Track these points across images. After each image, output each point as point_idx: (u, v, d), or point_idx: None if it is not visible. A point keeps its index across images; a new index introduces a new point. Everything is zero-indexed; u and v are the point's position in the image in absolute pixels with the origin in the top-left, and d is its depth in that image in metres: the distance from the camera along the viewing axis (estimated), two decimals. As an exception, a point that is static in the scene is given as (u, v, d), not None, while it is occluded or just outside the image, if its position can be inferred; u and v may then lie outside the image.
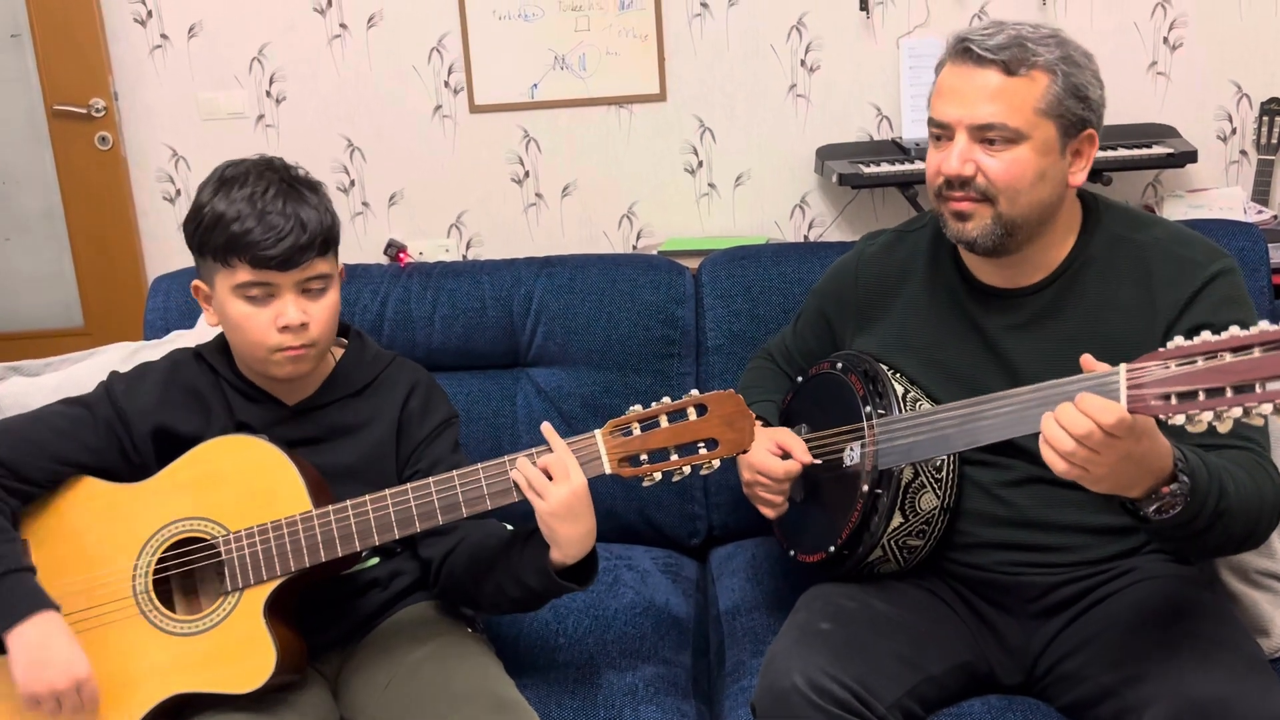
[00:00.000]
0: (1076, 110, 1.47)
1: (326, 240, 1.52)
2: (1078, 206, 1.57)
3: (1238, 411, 1.14)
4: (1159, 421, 1.21)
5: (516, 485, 1.44)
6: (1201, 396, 1.16)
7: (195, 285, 1.57)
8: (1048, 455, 1.25)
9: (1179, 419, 1.17)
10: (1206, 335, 1.18)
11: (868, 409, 1.57)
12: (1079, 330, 1.52)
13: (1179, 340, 1.19)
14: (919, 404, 1.58)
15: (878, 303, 1.70)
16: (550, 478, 1.42)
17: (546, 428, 1.46)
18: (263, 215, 1.46)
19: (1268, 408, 1.13)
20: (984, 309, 1.59)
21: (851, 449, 1.59)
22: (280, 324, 1.49)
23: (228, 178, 1.51)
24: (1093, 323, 1.52)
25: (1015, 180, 1.46)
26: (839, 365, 1.66)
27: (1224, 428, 1.16)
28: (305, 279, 1.50)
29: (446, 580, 1.59)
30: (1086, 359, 1.27)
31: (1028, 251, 1.53)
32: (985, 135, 1.46)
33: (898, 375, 1.62)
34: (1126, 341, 1.47)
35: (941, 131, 1.51)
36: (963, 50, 1.48)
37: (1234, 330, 1.16)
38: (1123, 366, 1.23)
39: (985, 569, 1.57)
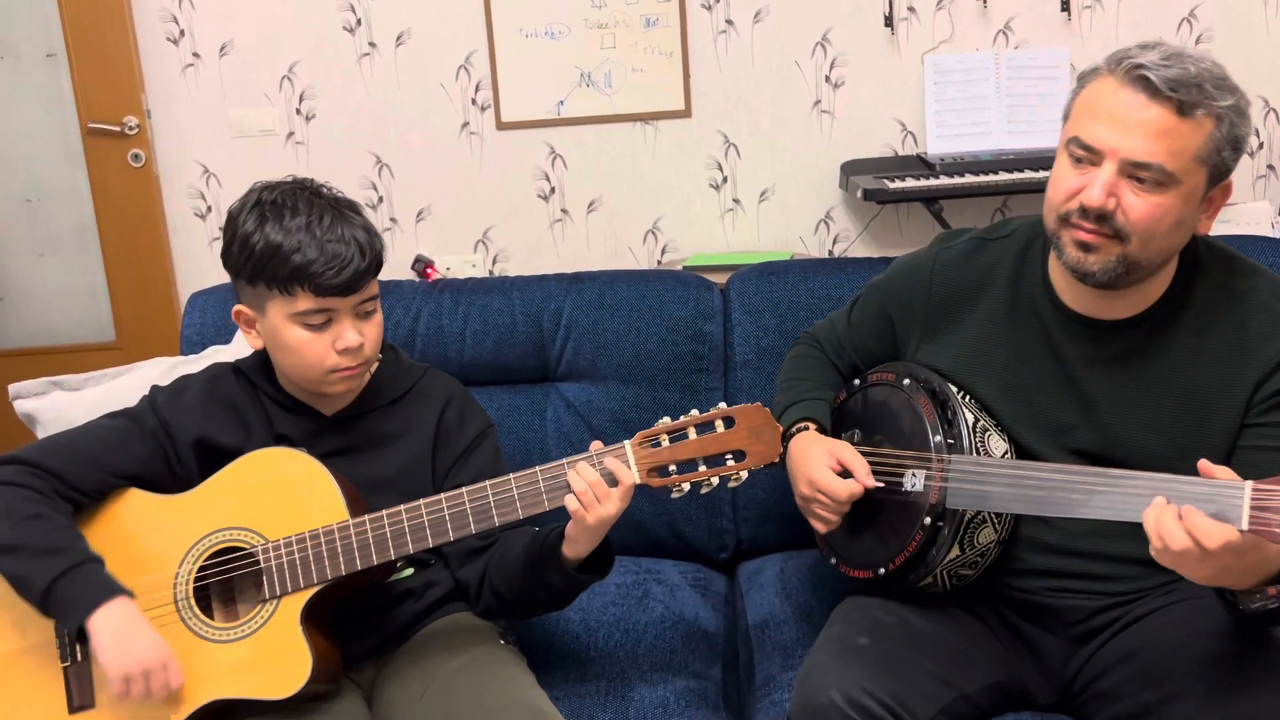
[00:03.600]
0: (1229, 161, 1.39)
1: (380, 260, 1.55)
2: None
3: None
4: None
5: (570, 487, 1.44)
6: None
7: (238, 310, 1.58)
8: (1151, 547, 1.23)
9: None
10: None
11: (937, 438, 1.52)
12: (1165, 375, 1.46)
13: None
14: (988, 435, 1.53)
15: (951, 313, 1.61)
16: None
17: (598, 446, 1.47)
18: (324, 244, 1.48)
19: None
20: (1069, 337, 1.51)
21: (914, 475, 1.53)
22: (339, 347, 1.52)
23: (273, 204, 1.51)
24: (1180, 369, 1.46)
25: (1155, 225, 1.38)
26: (905, 381, 1.59)
27: None
28: (362, 301, 1.54)
29: (489, 597, 1.61)
30: (1204, 464, 1.22)
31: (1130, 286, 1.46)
32: (1137, 173, 1.37)
33: (967, 399, 1.55)
34: (1212, 392, 1.43)
35: (1086, 155, 1.40)
36: (1137, 77, 1.36)
37: None
38: (1249, 485, 1.17)
39: (1031, 593, 1.55)
